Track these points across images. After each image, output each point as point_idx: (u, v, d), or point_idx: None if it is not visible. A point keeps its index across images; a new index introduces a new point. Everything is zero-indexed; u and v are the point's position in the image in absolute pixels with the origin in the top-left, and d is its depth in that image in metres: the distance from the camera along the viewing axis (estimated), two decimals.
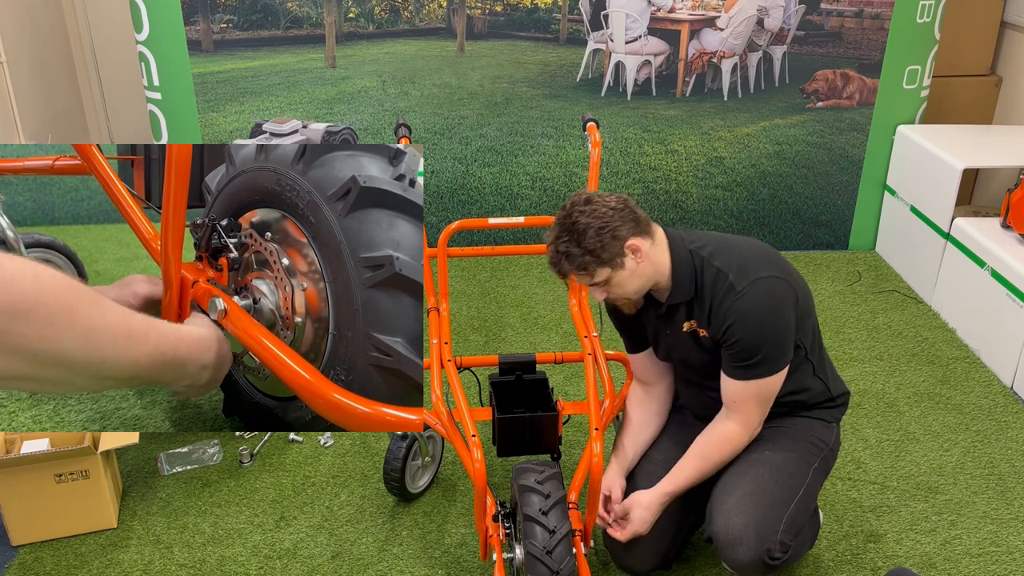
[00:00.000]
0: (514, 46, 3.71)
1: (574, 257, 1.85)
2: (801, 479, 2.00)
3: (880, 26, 3.68)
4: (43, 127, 3.88)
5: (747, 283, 1.88)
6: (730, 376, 1.95)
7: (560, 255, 1.87)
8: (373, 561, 2.25)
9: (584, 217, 1.84)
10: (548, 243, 1.91)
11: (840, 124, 3.85)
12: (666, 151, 3.87)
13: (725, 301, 1.88)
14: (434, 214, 3.91)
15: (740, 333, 1.87)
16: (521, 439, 2.09)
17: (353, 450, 2.66)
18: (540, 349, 3.19)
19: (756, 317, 1.87)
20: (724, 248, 1.95)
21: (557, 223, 1.89)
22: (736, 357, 1.90)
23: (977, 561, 2.26)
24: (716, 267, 1.91)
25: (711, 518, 1.97)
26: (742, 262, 1.92)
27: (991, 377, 3.05)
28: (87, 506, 2.30)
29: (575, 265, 1.86)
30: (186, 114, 3.61)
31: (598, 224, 1.83)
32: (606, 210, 1.85)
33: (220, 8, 3.50)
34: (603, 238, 1.83)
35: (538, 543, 1.82)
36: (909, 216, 3.70)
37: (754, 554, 1.89)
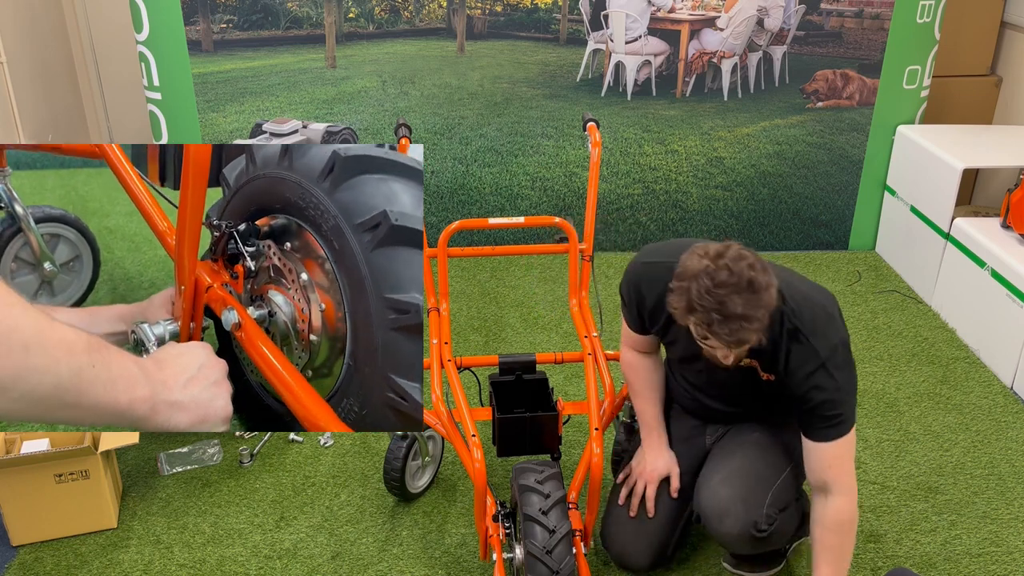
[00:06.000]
0: (514, 46, 3.71)
1: (758, 321, 1.66)
2: (788, 458, 2.04)
3: (880, 26, 3.68)
4: (43, 127, 3.88)
5: (829, 348, 1.80)
6: (819, 439, 1.86)
7: (738, 319, 1.64)
8: (373, 561, 2.25)
9: (750, 272, 1.65)
10: (705, 307, 1.65)
11: (840, 124, 3.85)
12: (666, 151, 3.87)
13: (806, 366, 1.80)
14: (434, 214, 3.91)
15: (822, 397, 1.81)
16: (521, 439, 2.09)
17: (353, 450, 2.66)
18: (540, 349, 3.19)
19: (840, 379, 1.81)
20: (803, 305, 1.83)
21: (717, 284, 1.64)
22: (821, 420, 1.83)
23: (977, 561, 2.26)
24: (794, 325, 1.81)
25: (699, 493, 2.02)
26: (822, 323, 1.82)
27: (991, 377, 3.05)
28: (87, 506, 2.30)
29: (756, 330, 1.67)
30: (186, 114, 3.61)
31: (765, 280, 1.67)
32: (763, 263, 1.69)
33: (220, 8, 3.50)
34: (771, 294, 1.68)
35: (538, 543, 1.82)
36: (909, 216, 3.70)
37: (742, 525, 1.93)
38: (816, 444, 1.88)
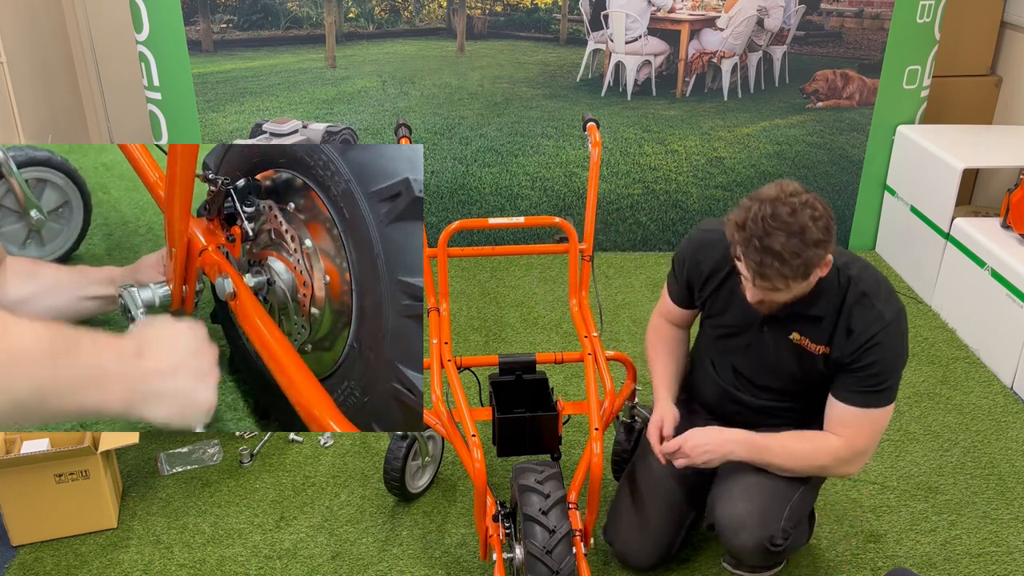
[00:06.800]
0: (514, 46, 3.71)
1: (790, 266, 1.66)
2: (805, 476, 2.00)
3: (880, 26, 3.68)
4: (43, 127, 3.88)
5: (893, 312, 1.81)
6: (846, 402, 1.86)
7: (772, 255, 1.65)
8: (373, 561, 2.25)
9: (812, 224, 1.65)
10: (751, 231, 1.66)
11: (840, 124, 3.85)
12: (666, 151, 3.86)
13: (871, 327, 1.80)
14: (434, 214, 3.91)
15: (877, 357, 1.81)
16: (521, 439, 2.09)
17: (353, 450, 2.66)
18: (540, 349, 3.19)
19: (897, 350, 1.82)
20: (867, 272, 1.86)
21: (773, 216, 1.65)
22: (863, 381, 1.83)
23: (977, 561, 2.26)
24: (862, 291, 1.82)
25: (714, 505, 1.99)
26: (887, 291, 1.84)
27: (991, 377, 3.05)
28: (87, 506, 2.30)
29: (782, 274, 1.67)
30: (186, 114, 3.61)
31: (823, 237, 1.66)
32: (828, 222, 1.68)
33: (220, 8, 3.50)
34: (820, 252, 1.68)
35: (538, 543, 1.82)
36: (909, 216, 3.70)
37: (757, 540, 1.91)
38: (840, 404, 1.86)
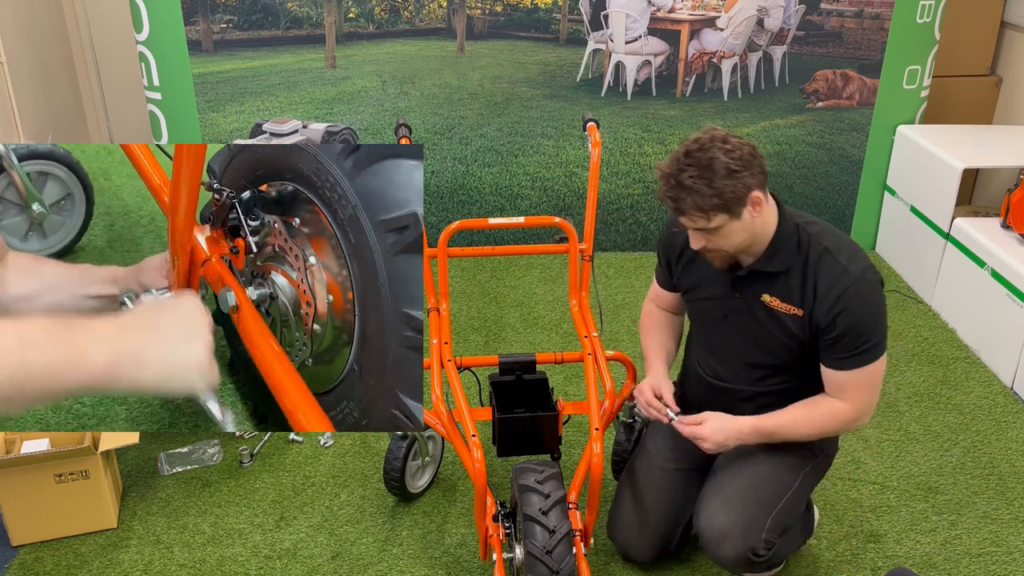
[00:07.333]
0: (514, 46, 3.71)
1: (701, 196, 1.71)
2: (791, 481, 2.00)
3: (880, 26, 3.68)
4: (43, 127, 3.88)
5: (859, 268, 1.81)
6: (837, 368, 1.85)
7: (684, 190, 1.73)
8: (373, 561, 2.25)
9: (722, 156, 1.71)
10: (666, 171, 1.76)
11: (840, 124, 3.85)
12: (666, 151, 3.86)
13: (837, 285, 1.79)
14: (434, 214, 3.91)
15: (852, 320, 1.80)
16: (521, 439, 2.09)
17: (353, 450, 2.66)
18: (540, 349, 3.19)
19: (872, 304, 1.81)
20: (829, 230, 1.86)
21: (686, 154, 1.74)
22: (847, 347, 1.82)
23: (977, 561, 2.26)
24: (824, 246, 1.83)
25: (698, 514, 2.00)
26: (850, 248, 1.84)
27: (991, 377, 3.05)
28: (87, 506, 2.30)
29: (697, 206, 1.73)
30: (186, 114, 3.61)
31: (734, 166, 1.71)
32: (742, 153, 1.73)
33: (220, 8, 3.50)
34: (735, 183, 1.71)
35: (538, 543, 1.82)
36: (909, 216, 3.70)
37: (739, 551, 1.91)
38: (833, 371, 1.86)
